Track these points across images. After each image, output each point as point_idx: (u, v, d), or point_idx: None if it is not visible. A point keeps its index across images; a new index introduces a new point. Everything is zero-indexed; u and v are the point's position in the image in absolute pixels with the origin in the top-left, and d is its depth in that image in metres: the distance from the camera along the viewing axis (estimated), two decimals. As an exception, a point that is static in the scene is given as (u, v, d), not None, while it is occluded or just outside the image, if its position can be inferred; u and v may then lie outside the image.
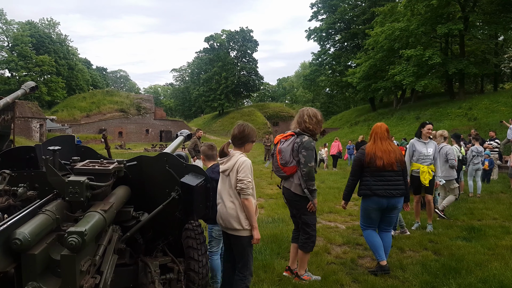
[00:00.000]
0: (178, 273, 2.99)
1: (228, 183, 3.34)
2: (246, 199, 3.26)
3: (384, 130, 4.70)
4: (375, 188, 4.51)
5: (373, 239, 4.63)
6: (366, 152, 4.60)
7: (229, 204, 3.31)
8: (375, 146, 4.59)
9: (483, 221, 7.15)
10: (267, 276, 4.28)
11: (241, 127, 3.44)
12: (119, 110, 54.35)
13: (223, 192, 3.38)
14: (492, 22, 28.15)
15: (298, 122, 4.23)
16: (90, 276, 2.13)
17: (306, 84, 51.69)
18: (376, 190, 4.50)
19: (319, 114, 4.25)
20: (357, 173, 4.69)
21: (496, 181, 12.25)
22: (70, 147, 3.49)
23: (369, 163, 4.55)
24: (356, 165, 4.71)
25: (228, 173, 3.34)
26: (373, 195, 4.52)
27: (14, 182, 2.79)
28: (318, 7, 46.94)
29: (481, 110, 24.95)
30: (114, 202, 2.52)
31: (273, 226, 6.67)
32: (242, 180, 3.24)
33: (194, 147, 12.77)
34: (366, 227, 4.74)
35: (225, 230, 3.43)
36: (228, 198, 3.33)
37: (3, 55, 54.22)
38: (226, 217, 3.33)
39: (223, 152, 3.42)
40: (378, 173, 4.52)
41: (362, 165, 4.62)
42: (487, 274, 4.31)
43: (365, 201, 4.66)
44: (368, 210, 4.62)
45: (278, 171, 4.23)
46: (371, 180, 4.54)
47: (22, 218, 2.07)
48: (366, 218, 4.70)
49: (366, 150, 4.63)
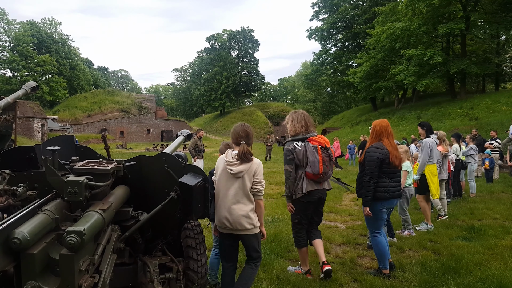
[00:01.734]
0: (177, 272, 3.01)
1: (241, 184, 3.31)
2: (262, 200, 3.40)
3: (390, 126, 4.51)
4: (393, 190, 4.33)
5: (384, 248, 4.37)
6: (390, 151, 4.27)
7: (240, 206, 3.30)
8: (390, 144, 4.33)
9: (483, 221, 7.14)
10: (266, 275, 4.29)
11: (247, 128, 3.48)
12: (121, 110, 54.42)
13: (231, 194, 3.32)
14: (494, 22, 28.12)
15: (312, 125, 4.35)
16: (89, 275, 2.15)
17: (307, 83, 51.68)
18: (393, 192, 4.33)
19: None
20: (376, 174, 4.26)
21: (497, 181, 12.23)
22: (69, 147, 3.51)
23: (389, 163, 4.26)
24: (376, 166, 4.25)
25: (242, 175, 3.30)
26: (391, 198, 4.33)
27: (13, 182, 2.81)
28: (319, 6, 46.90)
29: (483, 109, 24.92)
30: (113, 202, 2.54)
31: (273, 225, 6.68)
32: (260, 182, 3.34)
33: (195, 147, 12.78)
34: (377, 233, 4.41)
35: (233, 232, 3.37)
36: (235, 200, 3.31)
37: (4, 55, 54.32)
38: (237, 219, 3.29)
39: (248, 153, 3.31)
40: (393, 173, 4.35)
41: (381, 165, 4.28)
42: (486, 274, 4.30)
43: (381, 203, 4.33)
44: (382, 212, 4.40)
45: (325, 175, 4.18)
46: (388, 182, 4.30)
47: (22, 217, 2.08)
48: (379, 221, 4.40)
49: (388, 148, 4.28)
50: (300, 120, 4.30)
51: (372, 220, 4.43)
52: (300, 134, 4.28)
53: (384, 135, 4.36)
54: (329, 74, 46.64)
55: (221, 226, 3.41)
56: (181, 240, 3.24)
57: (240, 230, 3.33)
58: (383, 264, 4.42)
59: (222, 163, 3.43)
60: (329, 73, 46.75)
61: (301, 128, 4.29)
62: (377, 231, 4.44)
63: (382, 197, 4.30)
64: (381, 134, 4.38)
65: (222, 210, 3.36)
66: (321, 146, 4.18)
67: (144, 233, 2.97)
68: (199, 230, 3.36)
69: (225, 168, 3.38)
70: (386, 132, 4.37)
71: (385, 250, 4.39)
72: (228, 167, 3.34)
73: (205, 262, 3.26)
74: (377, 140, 4.39)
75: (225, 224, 3.35)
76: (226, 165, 3.36)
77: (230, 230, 3.37)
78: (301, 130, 4.28)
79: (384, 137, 4.36)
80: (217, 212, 3.41)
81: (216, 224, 3.53)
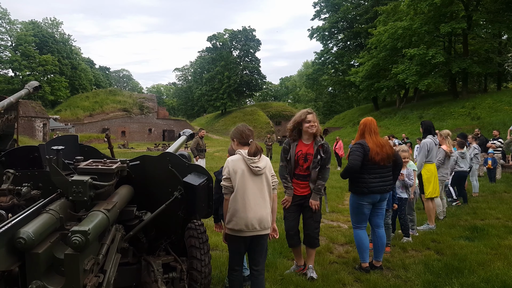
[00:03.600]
0: (180, 272, 3.01)
1: (264, 181, 3.29)
2: (275, 194, 3.43)
3: (375, 124, 4.62)
4: (373, 185, 4.39)
5: (363, 240, 4.56)
6: (371, 147, 4.36)
7: (265, 203, 3.28)
8: (371, 141, 4.43)
9: (486, 220, 7.13)
10: (269, 275, 4.28)
11: (251, 128, 3.50)
12: (122, 109, 54.53)
13: (256, 193, 3.23)
14: (496, 21, 28.01)
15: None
16: (94, 275, 2.14)
17: (308, 83, 51.59)
18: (373, 188, 4.39)
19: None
20: (356, 168, 4.37)
21: (499, 181, 12.20)
22: (73, 147, 3.51)
23: (368, 159, 4.37)
24: (356, 160, 4.36)
25: (264, 171, 3.29)
26: (369, 193, 4.41)
27: (18, 182, 2.81)
28: (321, 6, 46.82)
29: (485, 109, 24.85)
30: (117, 202, 2.54)
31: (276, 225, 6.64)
32: (274, 175, 3.41)
33: (197, 147, 12.79)
34: (358, 227, 4.60)
35: (258, 233, 3.22)
36: (262, 198, 3.27)
37: (6, 55, 54.44)
38: (265, 217, 3.24)
39: (261, 149, 3.32)
40: (373, 169, 4.40)
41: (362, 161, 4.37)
42: (490, 274, 4.30)
43: (359, 197, 4.48)
44: (363, 206, 4.50)
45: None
46: (368, 177, 4.39)
47: (26, 217, 2.08)
48: (360, 215, 4.56)
49: (369, 145, 4.38)
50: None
51: (353, 213, 4.65)
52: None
53: (367, 133, 4.52)
54: (330, 74, 46.56)
55: (247, 230, 3.18)
56: (184, 240, 3.23)
57: (266, 230, 3.27)
58: (362, 257, 4.59)
59: (241, 163, 3.25)
60: (330, 73, 46.67)
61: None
62: (358, 225, 4.62)
63: (360, 191, 4.44)
64: (364, 132, 4.54)
65: (250, 212, 3.18)
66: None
67: (148, 233, 2.97)
68: (202, 229, 3.35)
69: (246, 167, 3.23)
70: (369, 130, 4.52)
71: (364, 243, 4.56)
72: (253, 165, 3.22)
73: (208, 262, 3.25)
74: (361, 138, 4.54)
75: (253, 226, 3.18)
76: (250, 163, 3.22)
77: (256, 231, 3.21)
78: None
79: (367, 134, 4.50)
80: (241, 215, 3.17)
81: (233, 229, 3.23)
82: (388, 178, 4.52)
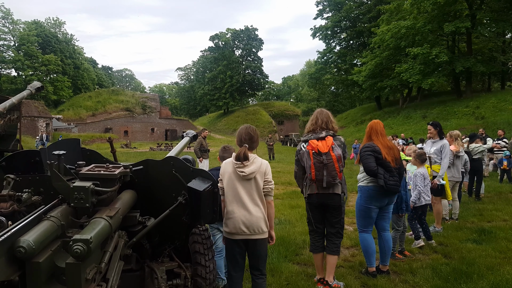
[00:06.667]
0: (185, 278, 2.93)
1: (254, 186, 3.24)
2: (272, 200, 3.38)
3: (382, 126, 4.59)
4: (390, 183, 4.29)
5: (369, 244, 4.49)
6: (380, 149, 4.32)
7: (255, 208, 3.23)
8: (379, 143, 4.41)
9: (493, 222, 7.03)
10: (274, 280, 4.22)
11: (251, 131, 3.41)
12: (125, 109, 54.57)
13: (244, 197, 3.23)
14: (500, 20, 27.88)
15: (326, 123, 4.12)
16: (96, 284, 2.08)
17: (311, 82, 51.58)
18: (390, 186, 4.29)
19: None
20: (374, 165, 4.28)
21: (504, 181, 12.09)
22: (75, 151, 3.44)
23: (383, 158, 4.29)
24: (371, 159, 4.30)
25: (253, 176, 3.23)
26: (387, 190, 4.31)
27: (18, 187, 2.75)
28: (324, 5, 46.74)
29: (489, 108, 24.72)
30: (120, 208, 2.47)
31: (280, 228, 6.58)
32: (270, 181, 3.33)
33: (200, 147, 12.66)
34: (365, 230, 4.54)
35: (248, 237, 3.23)
36: (252, 202, 3.23)
37: (9, 55, 54.62)
38: (255, 221, 3.20)
39: (244, 156, 3.23)
40: (390, 168, 4.31)
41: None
42: (500, 278, 4.21)
43: (367, 201, 4.45)
44: (371, 210, 4.46)
45: (334, 179, 3.89)
46: (384, 174, 4.29)
47: (27, 225, 2.03)
48: (367, 218, 4.50)
49: (379, 146, 4.35)
50: (313, 119, 4.21)
51: (360, 217, 4.57)
52: (309, 134, 4.16)
53: (374, 135, 4.51)
54: (333, 73, 46.47)
55: (236, 232, 3.24)
56: (188, 246, 3.16)
57: (257, 234, 3.23)
58: (368, 262, 4.51)
59: (230, 166, 3.30)
60: (333, 72, 46.58)
61: (310, 127, 4.18)
62: (364, 228, 4.55)
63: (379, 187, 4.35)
64: (371, 134, 4.53)
65: (237, 215, 3.22)
66: (314, 151, 3.94)
67: (151, 239, 2.91)
68: (207, 235, 3.27)
69: (234, 171, 3.26)
70: (375, 132, 4.52)
71: (370, 247, 4.49)
72: (238, 169, 3.22)
73: (213, 268, 3.18)
74: (368, 141, 4.53)
75: (241, 229, 3.21)
76: (236, 168, 3.24)
77: (245, 235, 3.22)
78: (309, 130, 4.18)
79: (374, 137, 4.49)
80: (230, 217, 3.25)
81: (225, 231, 3.34)
82: (397, 179, 4.43)
